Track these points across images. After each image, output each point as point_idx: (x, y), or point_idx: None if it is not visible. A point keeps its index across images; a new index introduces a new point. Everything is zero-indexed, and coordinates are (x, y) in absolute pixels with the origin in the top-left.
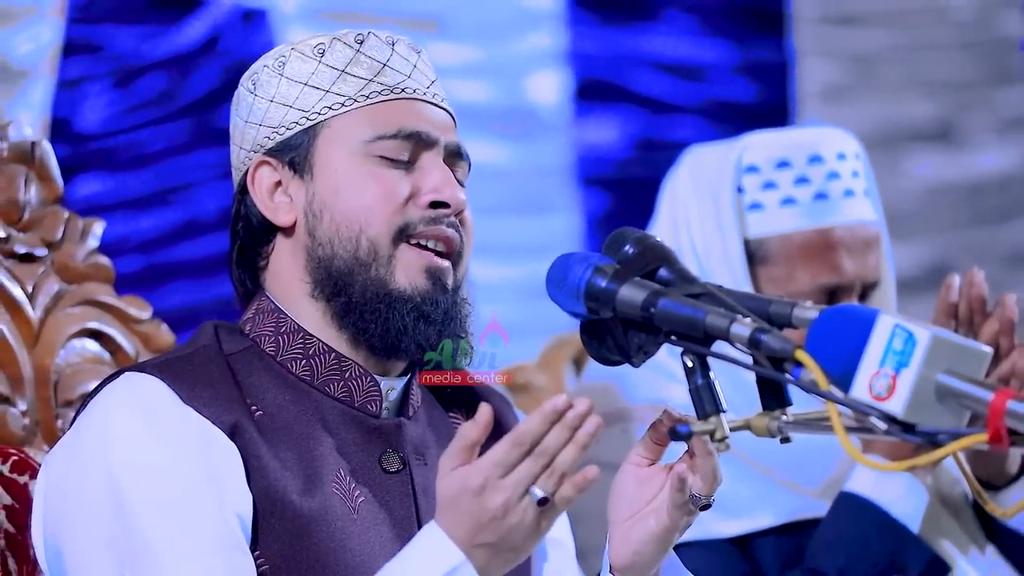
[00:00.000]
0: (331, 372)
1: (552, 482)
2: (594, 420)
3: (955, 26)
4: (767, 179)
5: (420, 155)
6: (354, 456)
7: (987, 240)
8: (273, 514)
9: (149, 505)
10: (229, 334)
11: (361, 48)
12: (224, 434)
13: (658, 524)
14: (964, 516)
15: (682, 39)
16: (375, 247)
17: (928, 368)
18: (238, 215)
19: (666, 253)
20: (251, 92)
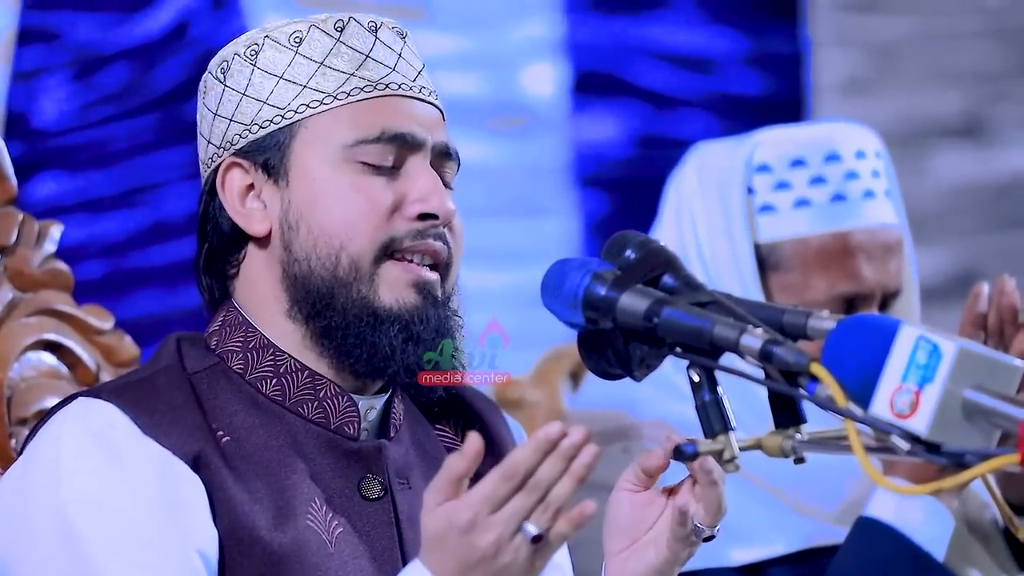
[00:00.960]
0: (304, 392)
1: (546, 518)
2: (591, 450)
3: (985, 13)
4: (780, 179)
5: (405, 159)
6: (330, 483)
7: (1019, 245)
8: (242, 552)
9: (104, 546)
10: (193, 348)
11: (341, 37)
12: (187, 465)
13: (657, 557)
14: (994, 544)
15: (688, 28)
16: (356, 265)
17: (954, 383)
18: (206, 215)
19: (670, 259)
20: (220, 82)
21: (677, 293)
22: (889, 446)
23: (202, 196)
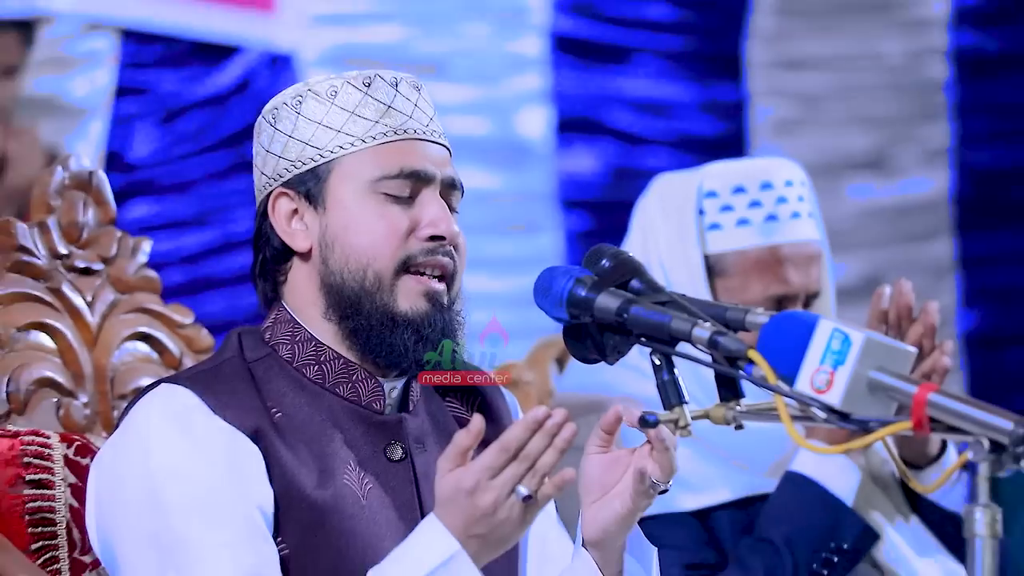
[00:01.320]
0: (340, 376)
1: (535, 482)
2: (570, 427)
3: (887, 70)
4: (725, 203)
5: (420, 191)
6: (362, 448)
7: (913, 255)
8: (292, 506)
9: (184, 504)
10: (251, 340)
11: (368, 91)
12: (248, 438)
13: (622, 506)
14: (891, 491)
15: (652, 81)
16: (380, 278)
17: (861, 365)
18: (259, 233)
19: (637, 266)
20: (271, 125)
21: (642, 294)
22: (810, 415)
23: (257, 218)
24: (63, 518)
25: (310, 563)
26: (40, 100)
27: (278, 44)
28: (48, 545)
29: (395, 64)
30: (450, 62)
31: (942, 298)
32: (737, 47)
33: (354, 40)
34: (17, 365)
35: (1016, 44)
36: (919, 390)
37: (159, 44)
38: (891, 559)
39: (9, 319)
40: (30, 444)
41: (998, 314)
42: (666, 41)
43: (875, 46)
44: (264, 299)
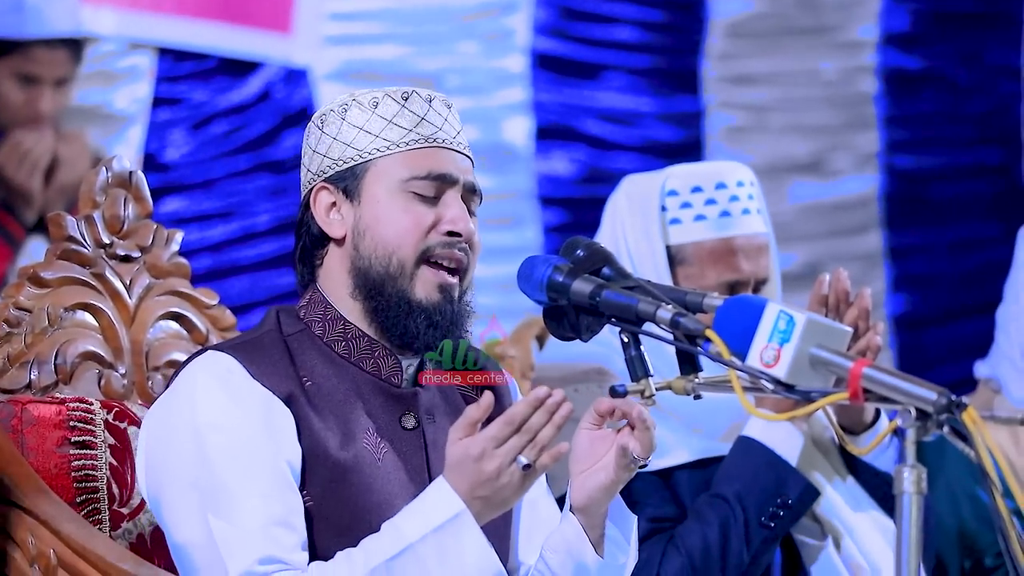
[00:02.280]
0: (364, 352)
1: (534, 453)
2: (567, 406)
3: (824, 85)
4: (684, 200)
5: (444, 192)
6: (380, 417)
7: (848, 247)
8: (317, 464)
9: (224, 454)
10: (288, 317)
11: (405, 104)
12: (281, 401)
13: (606, 477)
14: (831, 454)
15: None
16: (402, 265)
17: (804, 343)
18: (302, 222)
19: (608, 256)
20: (319, 128)
21: (613, 280)
22: (759, 387)
23: (300, 209)
24: (104, 475)
25: (330, 514)
26: (87, 109)
27: (294, 60)
28: (91, 499)
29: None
30: (444, 77)
31: (873, 285)
32: (695, 65)
33: (361, 57)
34: (64, 341)
35: (935, 63)
36: (855, 365)
37: (191, 60)
38: (830, 513)
39: (58, 300)
40: (75, 410)
41: (922, 298)
42: (633, 59)
43: (813, 64)
44: (301, 280)
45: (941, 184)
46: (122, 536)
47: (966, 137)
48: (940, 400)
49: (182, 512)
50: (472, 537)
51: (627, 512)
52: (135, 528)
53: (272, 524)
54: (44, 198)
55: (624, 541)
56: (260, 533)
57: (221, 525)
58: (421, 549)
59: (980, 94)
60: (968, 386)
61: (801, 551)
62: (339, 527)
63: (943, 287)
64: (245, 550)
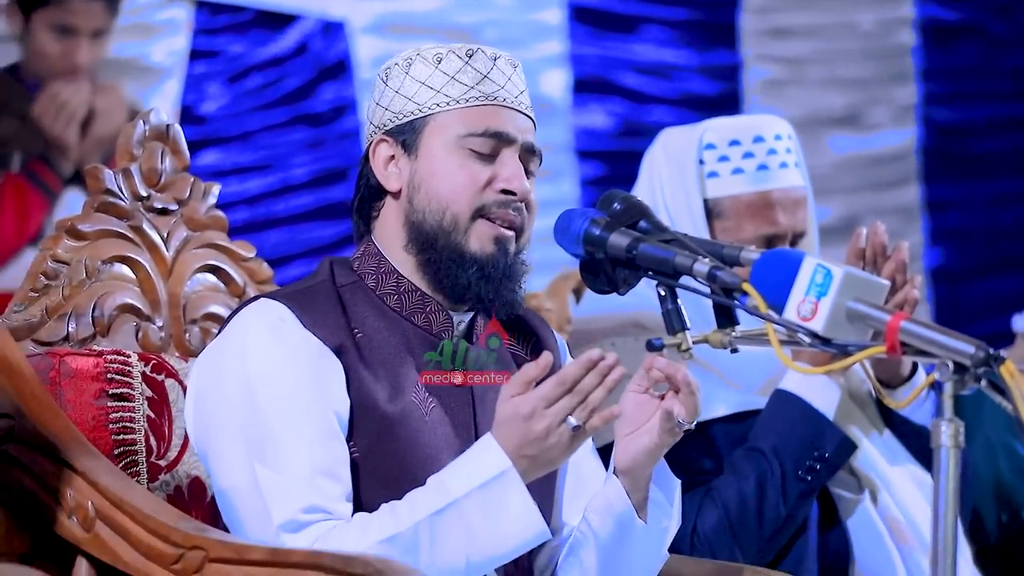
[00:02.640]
0: (416, 306)
1: (585, 414)
2: (619, 370)
3: (862, 37)
4: (722, 154)
5: (501, 150)
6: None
7: (885, 200)
8: (365, 416)
9: (272, 402)
10: (341, 268)
11: (469, 61)
12: (332, 352)
13: (651, 441)
14: (868, 408)
15: (657, 47)
16: (456, 220)
17: (841, 296)
18: (362, 174)
19: (645, 209)
20: (384, 82)
21: (649, 233)
22: (796, 340)
23: (361, 161)
24: (141, 427)
25: (377, 466)
26: (123, 62)
27: (331, 13)
28: (128, 451)
29: (435, 30)
30: (482, 29)
31: (911, 238)
32: (732, 18)
33: (398, 9)
34: (102, 293)
35: (973, 15)
36: (892, 318)
37: (227, 14)
38: (866, 467)
39: (96, 253)
40: (112, 362)
41: (959, 252)
42: (670, 12)
43: (851, 16)
44: (357, 232)
45: (978, 138)
46: (159, 488)
47: (1004, 90)
48: (978, 354)
49: (229, 458)
50: (517, 495)
51: (671, 476)
52: (172, 480)
53: (317, 474)
54: (80, 150)
55: (667, 504)
56: (305, 482)
57: (267, 473)
58: (466, 505)
59: (1018, 47)
60: (1006, 340)
61: (838, 504)
62: (384, 479)
63: (980, 240)
64: (290, 498)
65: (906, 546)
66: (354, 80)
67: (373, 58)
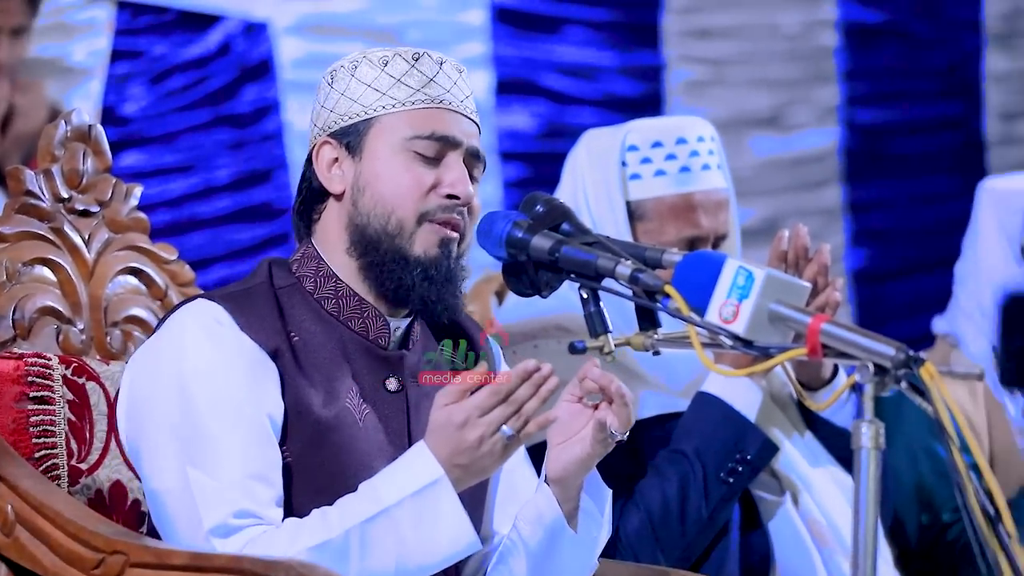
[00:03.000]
0: (353, 311)
1: (519, 424)
2: (554, 380)
3: (784, 38)
4: (644, 156)
5: (446, 154)
6: (364, 378)
7: (807, 201)
8: (298, 421)
9: (207, 404)
10: (280, 269)
11: (415, 64)
12: (268, 356)
13: (583, 451)
14: (789, 410)
15: (580, 47)
16: (402, 225)
17: (763, 299)
18: (304, 177)
19: (567, 211)
20: (329, 84)
21: (572, 236)
22: (718, 343)
23: (305, 163)
24: (62, 430)
25: (310, 471)
26: (44, 62)
27: (254, 14)
28: (49, 454)
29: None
30: (405, 30)
31: (833, 239)
32: (655, 18)
33: (320, 10)
34: (23, 295)
35: (895, 16)
36: (813, 320)
37: (150, 14)
38: (788, 469)
39: (16, 255)
40: (33, 365)
41: (881, 253)
42: (593, 13)
43: (773, 18)
44: (297, 235)
45: (901, 138)
46: (80, 492)
47: (926, 91)
48: (898, 356)
49: (161, 459)
50: (449, 504)
51: (603, 486)
52: (93, 484)
53: (249, 478)
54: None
55: (598, 514)
56: (237, 486)
57: (199, 476)
58: (397, 513)
59: (940, 47)
60: (926, 341)
61: (759, 506)
62: (316, 485)
63: (902, 242)
64: (221, 503)
65: (827, 548)
66: (277, 81)
67: (296, 59)
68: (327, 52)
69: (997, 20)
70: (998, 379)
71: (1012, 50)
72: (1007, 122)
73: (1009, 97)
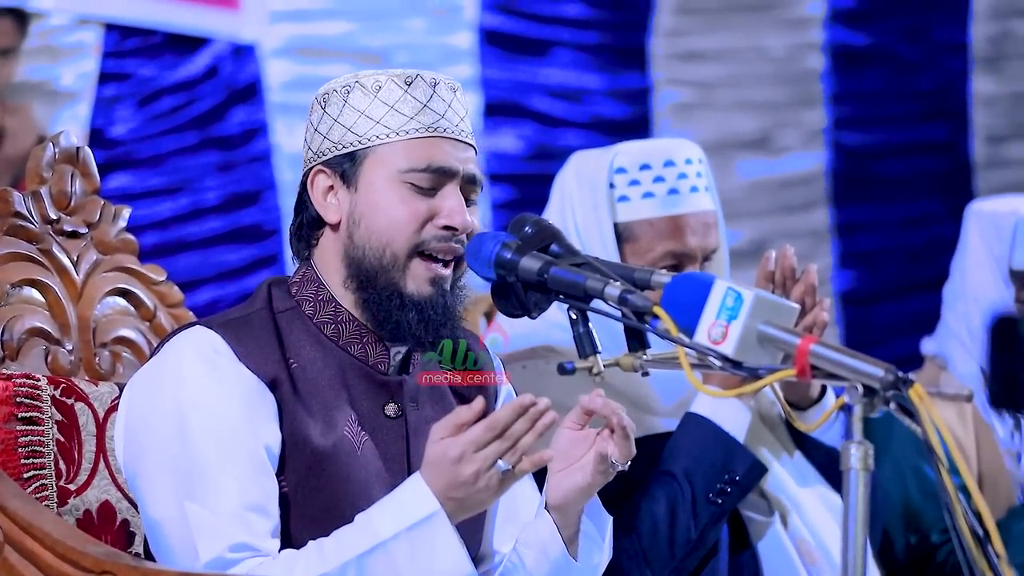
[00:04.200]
0: (353, 337)
1: (515, 458)
2: (551, 415)
3: (771, 62)
4: (632, 178)
5: (443, 184)
6: (363, 405)
7: (794, 223)
8: (296, 451)
9: (204, 435)
10: (279, 291)
11: (408, 89)
12: (266, 386)
13: (583, 479)
14: (778, 430)
15: (568, 70)
16: (395, 257)
17: (752, 320)
18: (301, 199)
19: (556, 232)
20: (322, 107)
21: (561, 257)
22: (707, 363)
23: (300, 185)
24: (51, 451)
25: (306, 502)
26: (33, 85)
27: (242, 36)
28: (38, 475)
29: (345, 53)
30: (392, 53)
31: (820, 261)
32: (643, 41)
33: (308, 33)
34: (11, 316)
35: (882, 39)
36: (802, 341)
37: (137, 36)
38: (777, 490)
39: (5, 276)
40: (22, 386)
41: (868, 275)
42: (581, 35)
43: (761, 41)
44: (297, 254)
45: (888, 161)
46: (69, 512)
47: (913, 114)
48: (887, 376)
49: (158, 489)
50: (445, 538)
51: (603, 512)
52: (82, 504)
53: (246, 509)
54: None
55: (599, 538)
56: (234, 518)
57: (195, 508)
58: (393, 547)
59: (926, 71)
60: (915, 363)
61: (748, 527)
62: (313, 515)
63: (890, 264)
64: (217, 536)
65: (816, 568)
66: (265, 103)
67: (284, 81)
68: (315, 74)
69: (984, 43)
70: (987, 400)
71: (999, 73)
72: (994, 145)
73: (996, 120)
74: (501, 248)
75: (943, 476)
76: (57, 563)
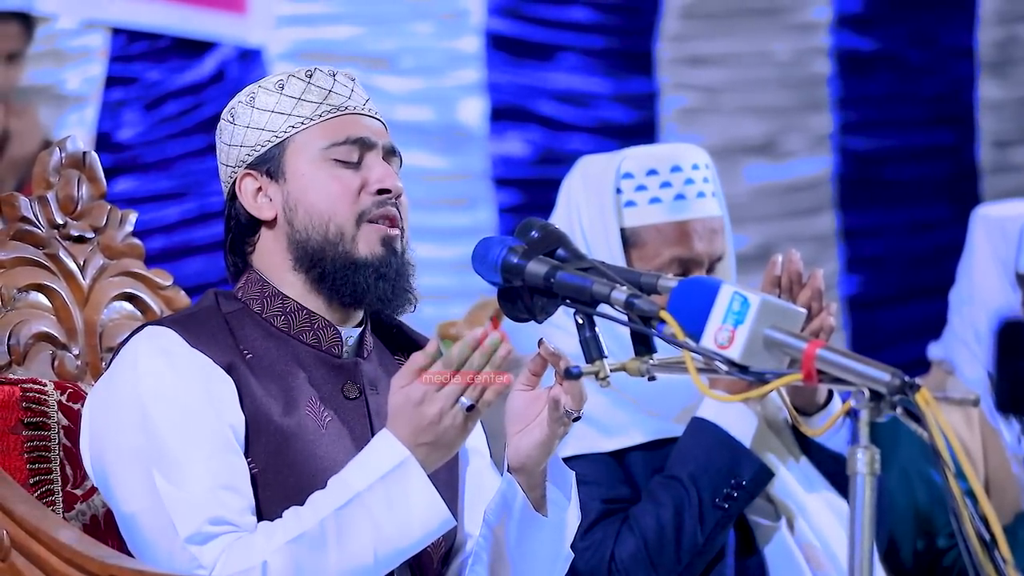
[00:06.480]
0: (303, 325)
1: (476, 393)
2: (506, 347)
3: (777, 66)
4: (639, 183)
5: (365, 155)
6: (322, 387)
7: (801, 228)
8: (260, 431)
9: (167, 422)
10: (225, 299)
11: (311, 80)
12: (222, 369)
13: (541, 433)
14: (784, 435)
15: (574, 75)
16: (341, 230)
17: (758, 324)
18: (229, 216)
19: (563, 237)
20: (230, 122)
21: (567, 261)
22: (713, 368)
23: (226, 203)
24: (57, 456)
25: (276, 481)
26: (39, 89)
27: (249, 40)
28: (44, 480)
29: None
30: (398, 57)
31: (827, 266)
32: (649, 46)
33: (314, 37)
34: (18, 321)
35: (889, 44)
36: (808, 346)
37: (144, 40)
38: (783, 494)
39: (11, 281)
40: (28, 391)
41: (875, 279)
42: (587, 40)
43: (767, 45)
44: (234, 271)
45: (894, 165)
46: (76, 517)
47: (919, 118)
48: (893, 381)
49: (129, 483)
50: (419, 483)
51: (564, 469)
52: (88, 509)
53: (219, 488)
54: None
55: (565, 500)
56: (208, 495)
57: (169, 490)
58: (368, 498)
59: (933, 75)
60: (921, 367)
61: (755, 532)
62: (284, 493)
63: (896, 268)
64: (194, 511)
65: (822, 573)
66: None
67: None
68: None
69: (990, 48)
70: (993, 405)
71: (1005, 78)
72: (1000, 150)
73: (1002, 125)
74: (507, 252)
75: (950, 481)
76: (63, 568)
